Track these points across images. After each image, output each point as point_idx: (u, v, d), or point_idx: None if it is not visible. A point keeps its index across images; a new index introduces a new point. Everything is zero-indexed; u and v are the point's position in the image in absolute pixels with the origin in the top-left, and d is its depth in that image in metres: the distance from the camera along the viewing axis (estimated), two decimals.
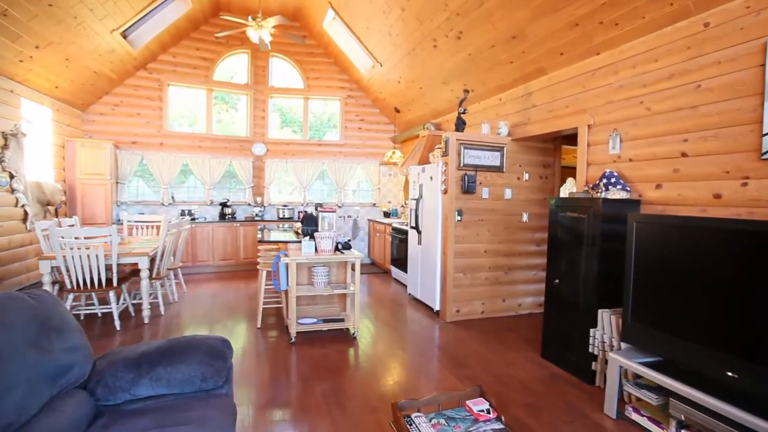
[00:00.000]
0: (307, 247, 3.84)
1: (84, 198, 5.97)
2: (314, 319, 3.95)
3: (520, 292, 4.84)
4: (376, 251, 7.59)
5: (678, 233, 2.31)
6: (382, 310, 4.87)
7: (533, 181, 4.82)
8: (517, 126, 4.59)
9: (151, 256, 4.20)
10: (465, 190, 4.39)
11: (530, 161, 4.79)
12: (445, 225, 4.47)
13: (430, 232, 4.78)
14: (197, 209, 7.24)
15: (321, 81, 7.89)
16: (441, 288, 4.59)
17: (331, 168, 7.91)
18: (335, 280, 4.20)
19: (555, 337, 3.37)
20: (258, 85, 7.63)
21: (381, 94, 7.44)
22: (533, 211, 4.84)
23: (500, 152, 4.59)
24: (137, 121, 6.82)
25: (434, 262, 4.67)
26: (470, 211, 4.51)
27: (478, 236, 4.57)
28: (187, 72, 7.10)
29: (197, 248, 6.75)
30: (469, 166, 4.44)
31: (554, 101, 4.01)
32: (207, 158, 7.22)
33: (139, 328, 4.03)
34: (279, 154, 7.77)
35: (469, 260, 4.55)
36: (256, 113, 7.67)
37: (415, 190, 5.23)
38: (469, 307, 4.59)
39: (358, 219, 8.14)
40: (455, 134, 4.38)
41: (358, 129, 8.10)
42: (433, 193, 4.72)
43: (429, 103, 6.41)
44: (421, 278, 5.06)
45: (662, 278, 2.38)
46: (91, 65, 5.54)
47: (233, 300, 5.17)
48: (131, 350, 1.87)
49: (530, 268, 4.87)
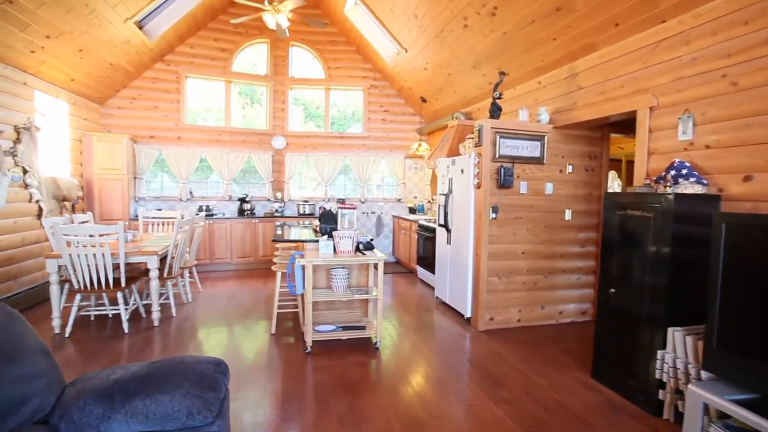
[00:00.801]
0: (324, 247, 3.48)
1: (101, 193, 5.83)
2: (333, 326, 3.60)
3: (562, 299, 4.35)
4: (401, 249, 7.20)
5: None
6: (407, 316, 4.48)
7: (577, 174, 4.30)
8: (560, 112, 4.08)
9: (160, 254, 3.95)
10: (501, 184, 3.93)
11: (574, 152, 4.27)
12: (478, 223, 4.03)
13: (461, 230, 4.35)
14: (216, 205, 7.04)
15: (343, 71, 7.52)
16: (473, 293, 4.15)
17: (354, 162, 7.55)
18: (356, 283, 3.83)
19: (609, 355, 2.89)
20: (277, 76, 7.34)
21: (406, 82, 7.00)
22: (577, 208, 4.32)
23: (540, 142, 4.10)
24: (155, 115, 6.65)
25: (465, 264, 4.23)
26: (506, 208, 4.04)
27: (515, 236, 4.11)
28: (205, 63, 6.87)
29: (215, 245, 6.54)
30: (505, 158, 3.97)
31: (606, 81, 3.49)
32: (225, 152, 6.99)
33: (148, 331, 3.79)
34: (299, 148, 7.47)
35: (505, 262, 4.09)
36: (275, 105, 7.39)
37: (444, 185, 4.79)
38: (504, 315, 4.13)
39: (382, 215, 7.77)
40: (490, 121, 3.92)
41: (381, 120, 7.70)
42: (464, 187, 4.28)
43: (458, 91, 5.93)
44: (450, 281, 4.64)
45: (763, 294, 1.88)
46: (106, 57, 5.35)
47: (249, 301, 4.90)
48: (104, 376, 1.54)
49: (573, 271, 4.37)
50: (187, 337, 3.69)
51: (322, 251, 3.48)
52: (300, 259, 3.40)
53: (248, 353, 3.37)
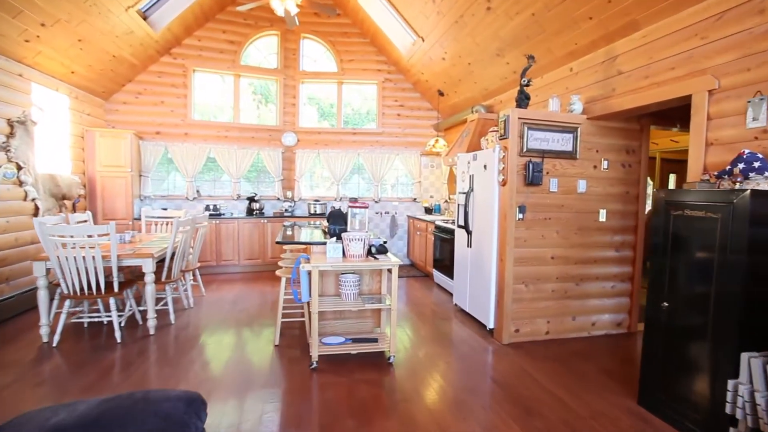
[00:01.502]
0: (333, 250, 3.14)
1: (104, 192, 5.61)
2: (341, 339, 3.25)
3: (595, 309, 3.92)
4: (417, 252, 6.83)
5: None
6: (424, 325, 4.10)
7: (613, 170, 3.87)
8: (595, 101, 3.66)
9: (157, 257, 3.67)
10: (529, 181, 3.53)
11: (610, 146, 3.84)
12: (503, 224, 3.63)
13: (483, 232, 3.96)
14: (223, 204, 6.77)
15: (356, 63, 7.18)
16: (496, 301, 3.76)
17: (367, 159, 7.20)
18: (368, 290, 3.48)
19: (660, 380, 2.48)
20: (288, 70, 7.04)
21: (423, 75, 6.62)
22: (613, 208, 3.89)
23: (572, 134, 3.68)
24: (161, 110, 6.42)
25: (488, 270, 3.84)
26: (534, 208, 3.64)
27: (544, 239, 3.70)
28: (213, 57, 6.61)
29: (222, 246, 6.27)
30: (533, 152, 3.57)
31: (652, 63, 3.06)
32: (233, 149, 6.72)
33: (142, 340, 3.50)
34: (310, 144, 7.15)
35: (532, 268, 3.69)
36: (286, 100, 7.09)
37: (464, 182, 4.40)
38: (531, 326, 3.73)
39: (396, 215, 7.40)
40: (517, 111, 3.52)
41: (396, 116, 7.34)
42: (487, 185, 3.89)
43: (479, 82, 5.53)
44: (470, 287, 4.25)
45: None
46: (108, 48, 5.11)
47: (254, 307, 4.59)
48: (42, 420, 1.22)
49: (607, 278, 3.94)
50: (181, 348, 3.39)
51: (330, 255, 3.14)
52: (305, 263, 3.06)
53: (247, 368, 3.05)
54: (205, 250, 6.15)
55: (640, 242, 4.00)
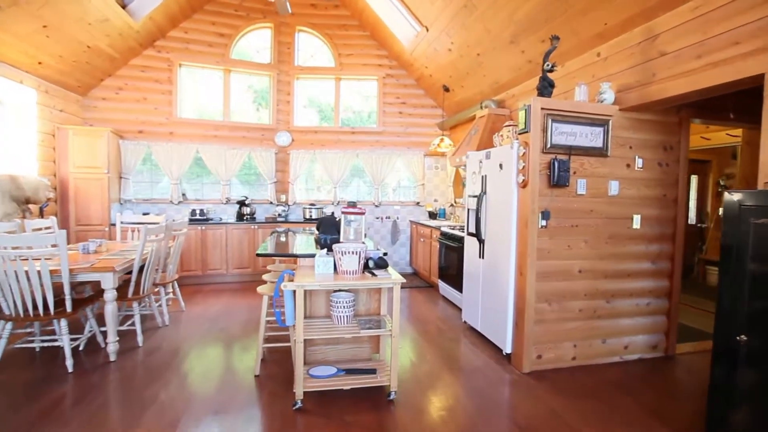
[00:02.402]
0: (322, 265, 2.63)
1: (77, 195, 5.11)
2: (333, 369, 2.73)
3: (628, 329, 3.39)
4: (420, 260, 6.30)
5: None
6: (429, 348, 3.58)
7: (649, 170, 3.35)
8: (629, 89, 3.14)
9: (122, 270, 3.16)
10: (554, 182, 3.01)
11: (644, 142, 3.33)
12: (523, 233, 3.11)
13: (498, 241, 3.44)
14: (212, 208, 6.27)
15: (355, 58, 6.69)
16: (515, 323, 3.23)
17: (367, 160, 6.69)
18: (364, 309, 2.96)
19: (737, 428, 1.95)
20: (282, 65, 6.56)
21: (426, 69, 6.13)
22: (648, 214, 3.37)
23: (603, 128, 3.17)
24: (144, 107, 5.94)
25: (504, 285, 3.31)
26: (560, 213, 3.12)
27: (570, 249, 3.18)
28: (201, 50, 6.14)
29: (208, 254, 5.76)
30: (559, 148, 3.06)
31: (707, 40, 2.55)
32: (223, 149, 6.23)
33: (99, 369, 2.98)
34: (306, 145, 6.66)
35: (557, 284, 3.16)
36: (279, 98, 6.61)
37: (476, 184, 3.89)
38: (556, 351, 3.20)
39: (398, 220, 6.89)
40: (540, 100, 3.01)
41: (398, 114, 6.84)
42: (503, 187, 3.37)
43: (488, 75, 5.03)
44: (483, 304, 3.72)
45: None
46: (81, 37, 4.63)
47: (239, 325, 4.07)
48: None
49: (641, 294, 3.41)
50: (144, 379, 2.86)
51: (319, 270, 2.62)
52: (288, 280, 2.55)
53: (218, 408, 2.52)
54: (189, 259, 5.65)
55: (679, 253, 3.47)
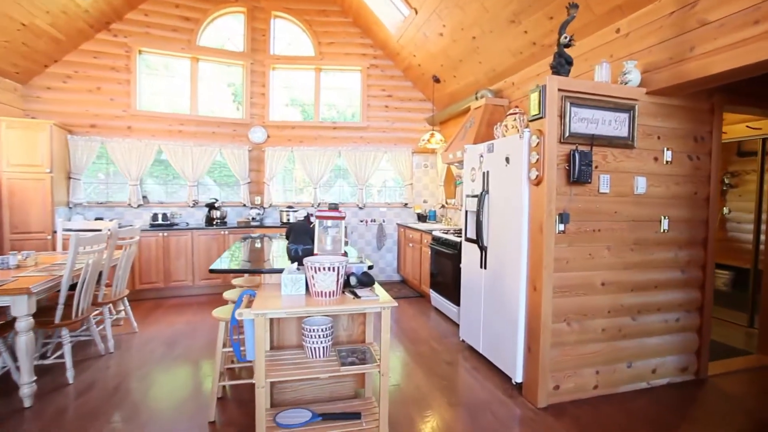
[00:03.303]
0: (291, 284, 2.06)
1: (13, 198, 4.40)
2: (307, 414, 2.15)
3: (656, 350, 2.91)
4: (408, 267, 5.76)
5: None
6: (424, 375, 3.03)
7: (678, 164, 2.88)
8: (658, 68, 2.66)
9: (39, 292, 2.53)
10: (574, 178, 2.50)
11: (673, 132, 2.85)
12: (536, 239, 2.60)
13: (505, 249, 2.92)
14: (177, 212, 5.62)
15: (336, 47, 6.13)
16: (527, 346, 2.71)
17: (350, 158, 6.13)
18: (346, 335, 2.40)
19: None
20: (256, 54, 5.95)
21: (415, 57, 5.61)
22: (677, 215, 2.90)
23: (628, 114, 2.68)
24: (97, 98, 5.26)
25: (513, 301, 2.79)
26: (580, 215, 2.62)
27: (592, 258, 2.67)
28: (165, 36, 5.49)
29: (171, 264, 5.10)
30: (579, 137, 2.55)
31: (764, 2, 2.07)
32: (189, 146, 5.59)
33: (10, 418, 2.35)
34: (282, 141, 6.06)
35: (577, 300, 2.66)
36: (254, 89, 6.00)
37: (475, 182, 3.36)
38: (576, 380, 2.69)
39: (384, 223, 6.34)
40: (557, 80, 2.50)
41: (384, 108, 6.29)
42: (510, 184, 2.86)
43: (485, 61, 4.53)
44: (486, 322, 3.19)
45: None
46: (11, 12, 3.96)
47: (201, 349, 3.46)
48: None
49: (671, 308, 2.93)
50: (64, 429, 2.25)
51: (287, 291, 2.05)
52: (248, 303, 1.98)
53: None
54: (149, 269, 4.99)
55: (711, 260, 3.01)
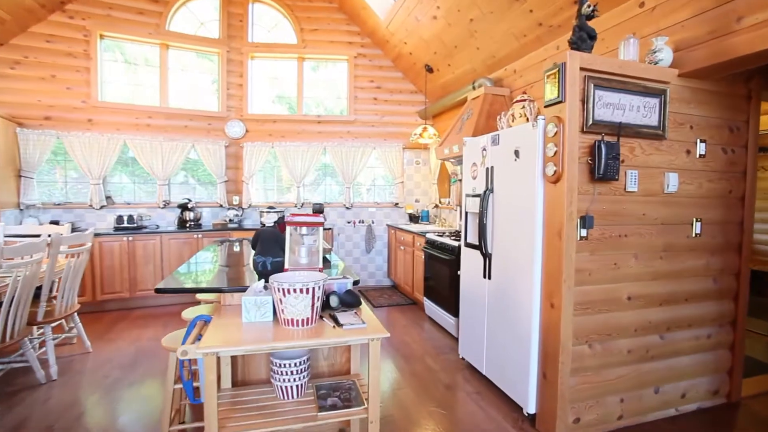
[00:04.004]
0: (254, 309, 1.62)
1: None
2: None
3: (685, 371, 2.53)
4: (400, 271, 5.34)
5: None
6: (420, 400, 2.60)
7: (712, 158, 2.50)
8: (694, 46, 2.27)
9: None
10: (599, 174, 2.10)
11: (707, 121, 2.47)
12: (553, 246, 2.19)
13: (514, 257, 2.50)
14: (146, 213, 5.11)
15: (321, 34, 5.67)
16: (541, 371, 2.30)
17: (336, 154, 5.68)
18: (327, 366, 1.97)
19: None
20: (233, 41, 5.46)
21: (406, 45, 5.17)
22: (710, 217, 2.52)
23: (659, 99, 2.29)
24: (52, 88, 4.72)
25: (525, 319, 2.38)
26: (604, 218, 2.22)
27: (617, 268, 2.28)
28: (129, 19, 4.97)
29: (138, 271, 4.60)
30: (604, 126, 2.15)
31: None
32: (158, 141, 5.08)
33: None
34: (263, 136, 5.58)
35: (601, 317, 2.26)
36: (230, 80, 5.51)
37: (477, 179, 2.95)
38: (598, 410, 2.29)
39: (373, 225, 5.91)
40: (578, 56, 2.09)
41: (372, 100, 5.85)
42: (520, 182, 2.44)
43: (483, 47, 4.11)
44: (490, 340, 2.78)
45: None
46: None
47: (164, 371, 2.98)
48: None
49: (702, 323, 2.56)
50: None
51: (249, 317, 1.61)
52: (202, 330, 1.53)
53: None
54: (113, 278, 4.48)
55: (746, 267, 2.64)
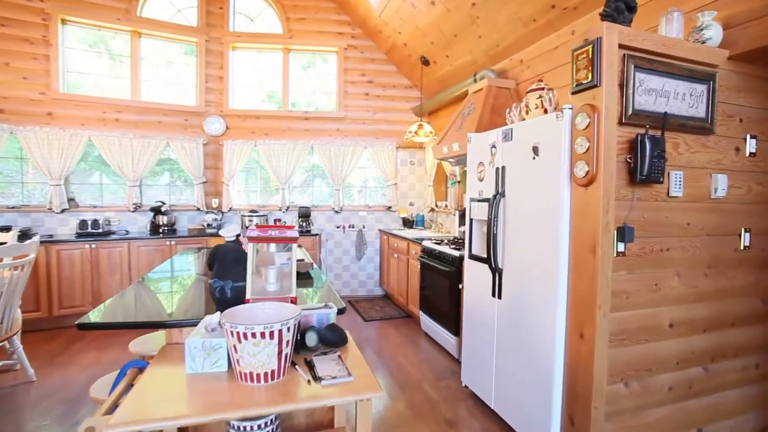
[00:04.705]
0: (200, 357, 1.19)
1: None
2: None
3: (730, 408, 2.15)
4: (393, 281, 4.93)
5: None
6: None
7: (763, 157, 2.13)
8: (749, 22, 1.89)
9: None
10: (642, 175, 1.70)
11: (759, 114, 2.09)
12: (584, 263, 1.79)
13: (530, 273, 2.10)
14: (114, 218, 4.65)
15: (308, 24, 5.24)
16: (567, 414, 1.90)
17: (324, 153, 5.25)
18: (304, 417, 1.55)
19: None
20: (213, 29, 5.02)
21: (400, 35, 4.77)
22: (761, 226, 2.15)
23: (707, 86, 1.91)
24: (6, 77, 4.22)
25: (545, 349, 1.98)
26: (645, 228, 1.83)
27: (658, 288, 1.89)
28: (96, 3, 4.50)
29: (103, 282, 4.13)
30: (645, 117, 1.76)
31: None
32: (128, 138, 4.62)
33: None
34: (245, 134, 5.14)
35: (639, 349, 1.87)
36: (209, 72, 5.06)
37: (485, 181, 2.54)
38: None
39: (364, 230, 5.49)
40: (617, 30, 1.69)
41: (364, 96, 5.44)
42: (539, 184, 2.04)
43: (486, 35, 3.73)
44: (499, 368, 2.38)
45: None
46: None
47: None
48: None
49: (748, 350, 2.18)
50: None
51: (195, 368, 1.19)
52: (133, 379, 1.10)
53: None
54: (73, 289, 4.01)
55: None
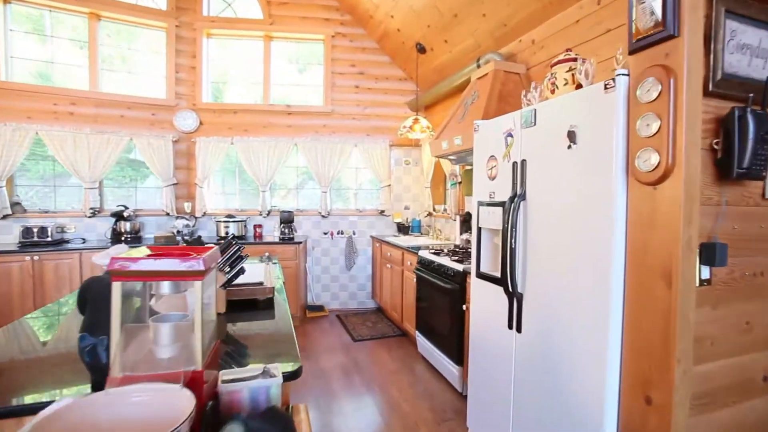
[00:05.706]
0: None
1: None
2: None
3: None
4: (386, 293, 4.39)
5: None
6: None
7: None
8: None
9: None
10: (743, 168, 1.18)
11: None
12: (650, 296, 1.25)
13: (566, 306, 1.56)
14: (69, 224, 4.09)
15: (291, 9, 4.72)
16: None
17: (309, 152, 4.71)
18: None
19: None
20: (184, 13, 4.48)
21: (393, 19, 4.25)
22: None
23: None
24: None
25: (588, 411, 1.43)
26: (736, 244, 1.30)
27: (749, 328, 1.36)
28: None
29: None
30: (740, 83, 1.23)
31: None
32: (84, 134, 4.06)
33: None
34: (221, 130, 4.59)
35: (725, 415, 1.33)
36: (180, 61, 4.51)
37: (497, 180, 2.00)
38: None
39: (355, 236, 4.95)
40: None
41: (353, 88, 4.91)
42: (577, 182, 1.49)
43: (491, 13, 3.21)
44: (517, 419, 1.83)
45: None
46: None
47: None
48: None
49: None
50: None
51: None
52: None
53: None
54: (10, 308, 3.44)
55: None
